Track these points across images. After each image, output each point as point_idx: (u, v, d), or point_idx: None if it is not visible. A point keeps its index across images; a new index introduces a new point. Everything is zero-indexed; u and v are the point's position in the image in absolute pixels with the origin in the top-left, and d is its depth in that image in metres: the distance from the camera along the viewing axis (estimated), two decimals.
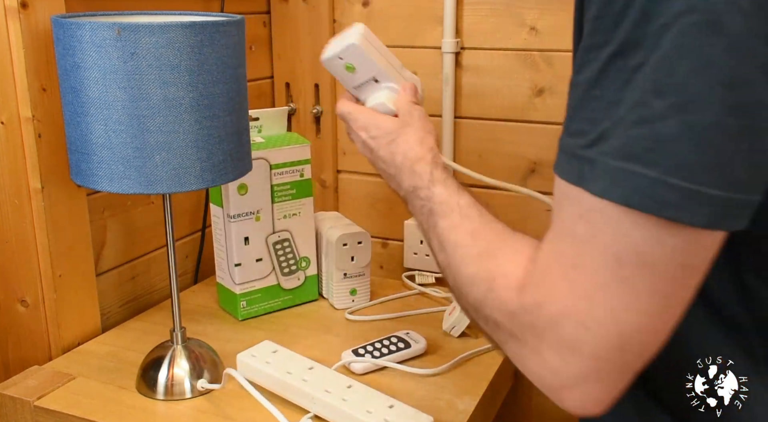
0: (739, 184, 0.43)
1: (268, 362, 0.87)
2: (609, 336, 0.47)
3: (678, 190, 0.43)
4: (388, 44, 1.29)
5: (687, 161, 0.43)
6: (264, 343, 0.91)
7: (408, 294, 1.16)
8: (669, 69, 0.43)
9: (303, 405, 0.83)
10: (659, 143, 0.43)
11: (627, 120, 0.44)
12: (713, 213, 0.43)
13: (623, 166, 0.44)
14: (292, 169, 1.07)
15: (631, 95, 0.45)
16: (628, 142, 0.44)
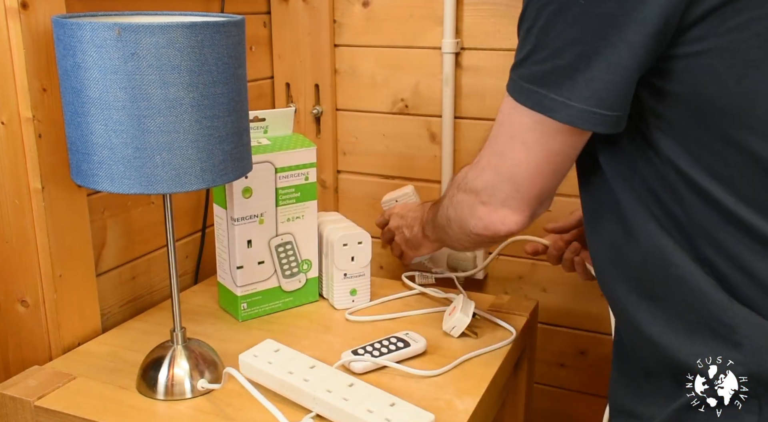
0: (596, 100, 0.64)
1: (270, 362, 0.87)
2: (509, 174, 0.74)
3: (552, 99, 0.66)
4: (388, 44, 1.30)
5: (560, 85, 0.65)
6: (266, 342, 0.91)
7: (408, 295, 1.16)
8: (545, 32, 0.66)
9: (305, 404, 0.83)
10: (544, 74, 0.66)
11: (531, 59, 0.68)
12: (572, 115, 0.65)
13: (528, 86, 0.68)
14: (298, 173, 1.07)
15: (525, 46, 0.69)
16: (530, 72, 0.67)
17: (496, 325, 1.05)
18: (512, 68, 0.70)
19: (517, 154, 0.71)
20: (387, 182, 1.35)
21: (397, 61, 1.29)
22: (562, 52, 0.64)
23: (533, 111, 0.67)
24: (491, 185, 0.75)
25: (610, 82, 0.63)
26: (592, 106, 0.64)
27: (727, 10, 0.60)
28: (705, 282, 0.65)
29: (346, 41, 1.32)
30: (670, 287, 0.67)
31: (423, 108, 1.29)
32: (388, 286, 1.19)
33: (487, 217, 0.76)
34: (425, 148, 1.31)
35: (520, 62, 0.68)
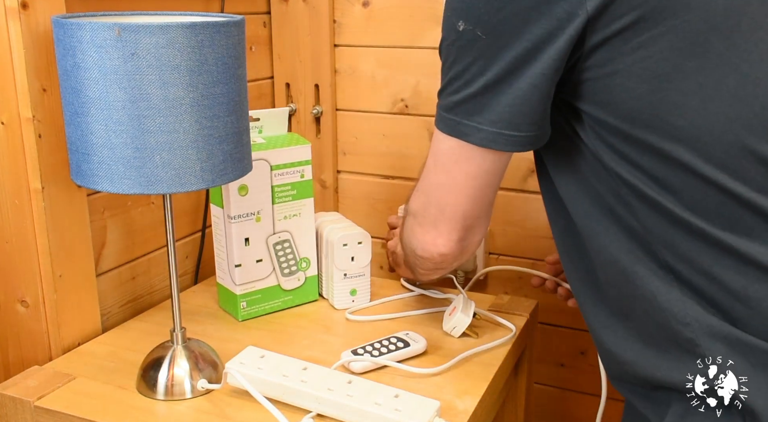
0: (504, 123, 0.69)
1: (259, 368, 0.86)
2: (435, 197, 0.78)
3: (466, 125, 0.71)
4: (388, 44, 1.30)
5: (471, 111, 0.70)
6: (249, 349, 0.90)
7: (408, 295, 1.16)
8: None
9: (306, 406, 0.83)
10: (457, 103, 0.71)
11: (447, 90, 0.74)
12: (484, 138, 0.71)
13: (446, 115, 0.73)
14: (293, 170, 1.07)
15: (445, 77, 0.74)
16: (447, 102, 0.73)
17: (496, 325, 1.05)
18: (437, 100, 0.75)
19: (440, 177, 0.76)
20: (387, 182, 1.35)
21: (397, 61, 1.29)
22: (471, 82, 0.70)
23: (451, 137, 0.73)
24: (423, 207, 0.80)
25: (515, 105, 0.68)
26: (501, 128, 0.69)
27: (627, 33, 0.63)
28: (667, 295, 0.67)
29: (346, 41, 1.32)
30: (637, 302, 0.69)
31: (423, 108, 1.29)
32: (388, 286, 1.19)
33: (422, 237, 0.80)
34: (425, 148, 1.30)
35: (440, 94, 0.74)
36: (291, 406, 0.83)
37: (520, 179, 1.24)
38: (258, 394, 0.82)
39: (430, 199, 0.78)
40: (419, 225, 0.81)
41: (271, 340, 1.01)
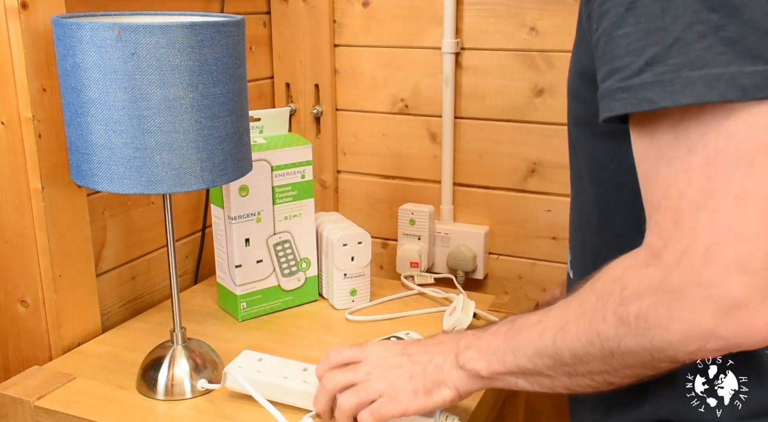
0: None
1: (258, 371, 0.85)
2: (740, 230, 0.50)
3: (758, 73, 0.49)
4: (388, 44, 1.30)
5: (755, 51, 0.49)
6: (245, 353, 0.89)
7: (408, 295, 1.16)
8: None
9: (310, 407, 0.82)
10: (728, 45, 0.50)
11: (686, 38, 0.51)
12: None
13: (705, 72, 0.50)
14: (294, 171, 1.07)
15: (680, 20, 0.51)
16: (700, 53, 0.50)
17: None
18: (635, 75, 0.53)
19: (743, 184, 0.49)
20: (387, 182, 1.35)
21: (397, 61, 1.29)
22: (722, 20, 0.50)
23: (724, 102, 0.50)
24: (720, 265, 0.50)
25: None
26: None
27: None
28: None
29: (346, 41, 1.32)
30: None
31: (423, 108, 1.29)
32: (388, 286, 1.19)
33: (731, 320, 0.50)
34: (425, 148, 1.31)
35: (659, 57, 0.51)
36: (291, 406, 0.83)
37: (520, 179, 1.24)
38: (258, 395, 0.82)
39: (740, 238, 0.49)
40: (712, 301, 0.50)
41: (271, 340, 1.01)
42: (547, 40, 1.17)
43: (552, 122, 1.20)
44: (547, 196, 1.23)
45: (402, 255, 1.28)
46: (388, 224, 1.36)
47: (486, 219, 1.28)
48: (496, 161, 1.25)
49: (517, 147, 1.23)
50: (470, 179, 1.28)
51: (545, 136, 1.20)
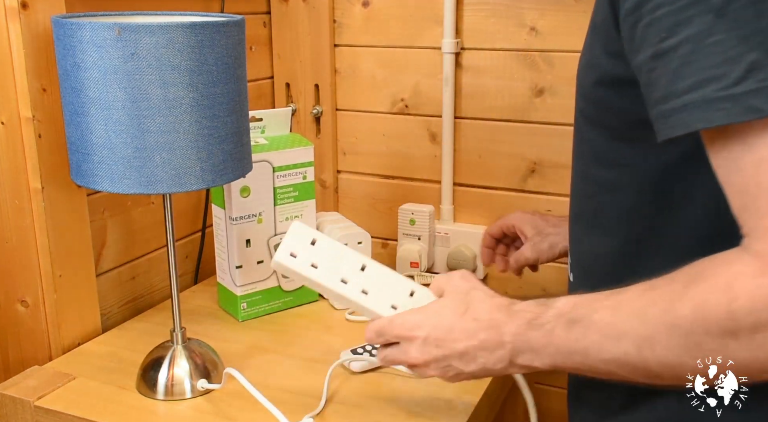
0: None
1: (314, 264, 0.75)
2: None
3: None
4: (388, 44, 1.30)
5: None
6: (296, 227, 0.76)
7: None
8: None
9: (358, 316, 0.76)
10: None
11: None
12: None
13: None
14: (295, 172, 1.07)
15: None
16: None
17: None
18: (735, 84, 0.51)
19: None
20: (387, 182, 1.35)
21: (397, 61, 1.29)
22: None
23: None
24: None
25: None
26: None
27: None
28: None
29: (346, 41, 1.32)
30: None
31: (423, 108, 1.29)
32: None
33: None
34: (425, 148, 1.30)
35: (759, 63, 0.50)
36: (291, 406, 0.83)
37: (520, 179, 1.24)
38: (258, 393, 0.82)
39: None
40: None
41: (271, 340, 1.01)
42: (547, 40, 1.17)
43: (552, 122, 1.20)
44: (547, 196, 1.23)
45: (402, 255, 1.28)
46: (388, 224, 1.36)
47: (486, 220, 1.28)
48: (496, 161, 1.25)
49: (517, 147, 1.23)
50: (470, 179, 1.28)
51: (545, 136, 1.20)
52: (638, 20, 0.57)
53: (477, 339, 0.67)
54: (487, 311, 0.68)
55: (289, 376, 0.92)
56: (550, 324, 0.63)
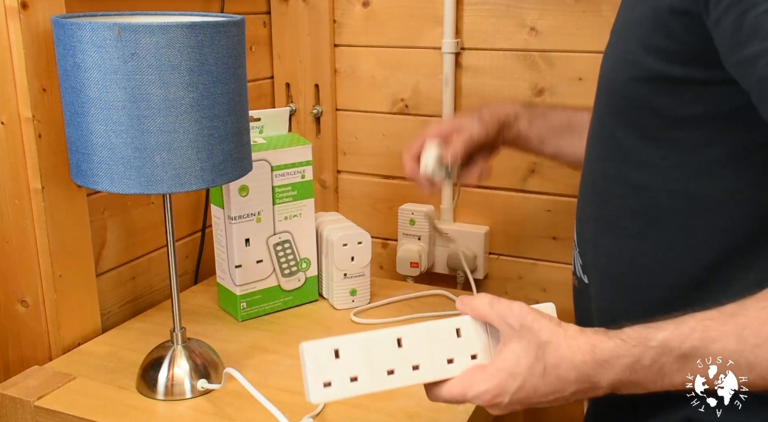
0: None
1: (352, 377, 0.64)
2: None
3: None
4: (388, 44, 1.30)
5: None
6: (309, 353, 0.65)
7: (408, 296, 1.16)
8: None
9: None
10: None
11: None
12: None
13: None
14: (294, 171, 1.07)
15: None
16: None
17: None
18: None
19: None
20: (387, 182, 1.35)
21: (397, 61, 1.29)
22: None
23: None
24: None
25: None
26: None
27: None
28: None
29: (346, 41, 1.32)
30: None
31: (423, 108, 1.29)
32: (388, 286, 1.19)
33: None
34: None
35: None
36: (291, 406, 0.83)
37: (520, 179, 1.24)
38: (258, 393, 0.82)
39: None
40: None
41: (271, 340, 1.01)
42: (547, 40, 1.17)
43: None
44: (547, 196, 1.23)
45: (402, 255, 1.28)
46: (388, 224, 1.36)
47: (486, 219, 1.28)
48: (496, 161, 1.24)
49: None
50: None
51: None
52: (747, 10, 0.53)
53: (568, 392, 0.62)
54: (571, 367, 0.60)
55: (289, 376, 0.92)
56: (657, 364, 0.57)
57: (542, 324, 0.62)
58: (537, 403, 0.63)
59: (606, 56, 0.72)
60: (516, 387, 0.62)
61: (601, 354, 0.59)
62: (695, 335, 0.56)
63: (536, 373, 0.61)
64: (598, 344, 0.59)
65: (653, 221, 0.69)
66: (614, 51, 0.70)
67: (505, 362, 0.62)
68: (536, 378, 0.61)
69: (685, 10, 0.59)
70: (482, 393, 0.63)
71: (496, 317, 0.64)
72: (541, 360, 0.61)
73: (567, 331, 0.61)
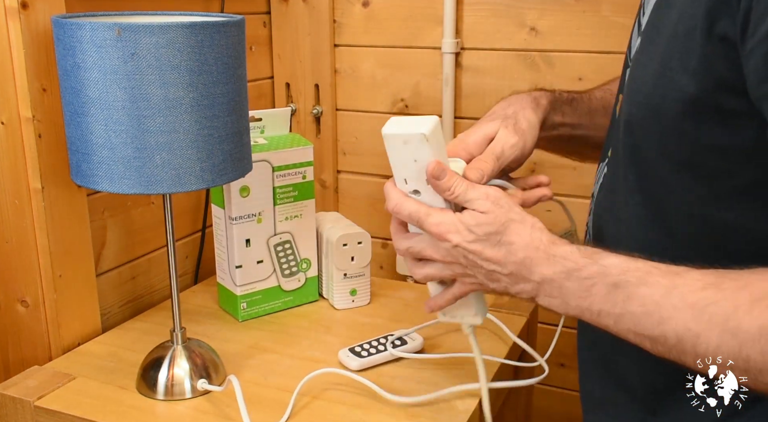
0: None
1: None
2: None
3: None
4: (388, 44, 1.30)
5: None
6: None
7: (408, 296, 1.16)
8: None
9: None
10: None
11: None
12: None
13: None
14: (295, 171, 1.07)
15: None
16: None
17: (496, 326, 1.05)
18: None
19: None
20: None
21: (397, 61, 1.29)
22: None
23: None
24: None
25: None
26: None
27: None
28: None
29: (346, 41, 1.32)
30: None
31: (423, 108, 1.29)
32: (388, 286, 1.19)
33: None
34: None
35: None
36: (291, 406, 0.83)
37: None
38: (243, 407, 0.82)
39: None
40: None
41: (271, 340, 1.01)
42: (547, 40, 1.17)
43: None
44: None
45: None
46: (388, 224, 1.35)
47: None
48: None
49: None
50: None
51: None
52: (747, 11, 0.52)
53: (506, 268, 0.65)
54: (524, 247, 0.64)
55: (289, 376, 0.92)
56: (591, 280, 0.60)
57: (516, 208, 0.67)
58: (476, 266, 0.67)
59: (637, 64, 0.68)
60: (468, 237, 0.66)
61: (554, 250, 0.63)
62: (635, 273, 0.58)
63: (491, 241, 0.65)
64: (557, 242, 0.64)
65: (668, 233, 0.66)
66: (650, 61, 0.65)
67: (470, 219, 0.67)
68: (488, 245, 0.66)
69: (722, 35, 0.57)
70: (440, 222, 0.68)
71: (477, 190, 0.68)
72: (500, 234, 0.65)
73: (535, 222, 0.66)
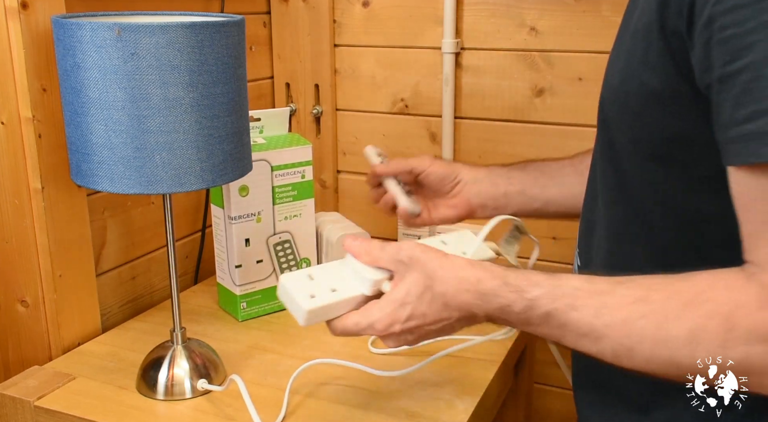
0: None
1: (312, 295, 0.70)
2: None
3: None
4: (388, 44, 1.30)
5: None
6: (286, 284, 0.71)
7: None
8: None
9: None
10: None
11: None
12: None
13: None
14: (294, 171, 1.07)
15: None
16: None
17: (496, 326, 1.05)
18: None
19: None
20: None
21: (397, 61, 1.29)
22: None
23: None
24: None
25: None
26: None
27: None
28: None
29: (346, 41, 1.32)
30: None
31: (423, 108, 1.29)
32: None
33: None
34: (425, 148, 1.30)
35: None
36: (291, 406, 0.83)
37: None
38: (252, 408, 0.82)
39: None
40: None
41: (271, 340, 1.01)
42: (547, 40, 1.17)
43: (552, 122, 1.20)
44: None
45: None
46: (388, 224, 1.36)
47: (486, 220, 1.28)
48: (496, 161, 1.25)
49: (517, 147, 1.23)
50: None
51: (545, 136, 1.20)
52: (710, 38, 0.54)
53: (452, 316, 0.66)
54: (454, 295, 0.65)
55: (289, 376, 0.92)
56: (524, 314, 0.62)
57: (431, 255, 0.66)
58: (427, 333, 0.67)
59: (610, 63, 0.71)
60: (406, 316, 0.66)
61: (482, 288, 0.64)
62: (563, 301, 0.60)
63: (425, 300, 0.65)
64: (483, 280, 0.64)
65: (646, 228, 0.68)
66: (618, 59, 0.68)
67: (397, 293, 0.67)
68: (425, 305, 0.66)
69: (673, 29, 0.58)
70: (375, 322, 0.67)
71: (387, 257, 0.68)
72: (429, 289, 0.65)
73: (455, 262, 0.66)
